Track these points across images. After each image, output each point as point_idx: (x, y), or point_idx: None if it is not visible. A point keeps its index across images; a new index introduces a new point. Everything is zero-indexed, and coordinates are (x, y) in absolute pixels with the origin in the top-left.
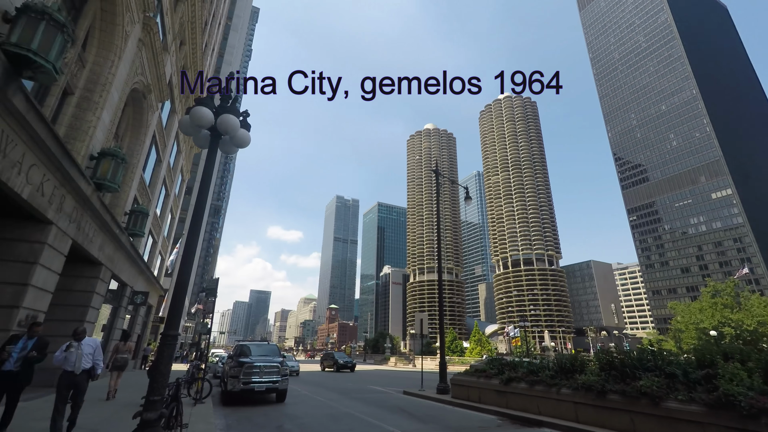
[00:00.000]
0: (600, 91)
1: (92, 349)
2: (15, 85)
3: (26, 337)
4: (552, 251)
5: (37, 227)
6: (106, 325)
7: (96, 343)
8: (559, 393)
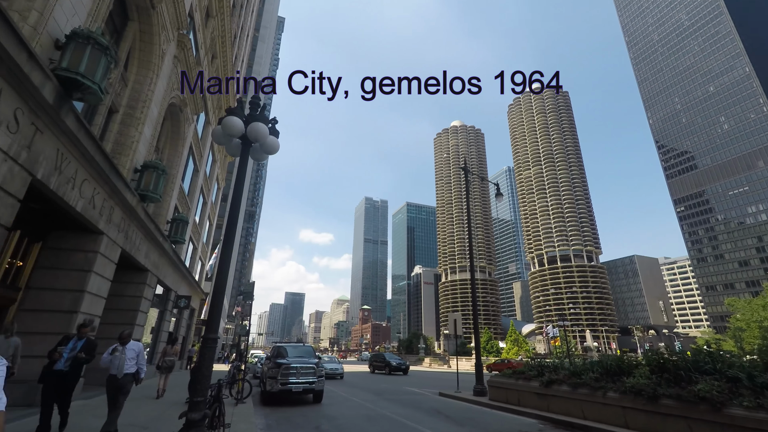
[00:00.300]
0: (638, 76)
1: (135, 353)
2: (67, 106)
3: (76, 338)
4: (591, 246)
5: (90, 237)
6: (154, 328)
7: (139, 347)
8: (605, 397)
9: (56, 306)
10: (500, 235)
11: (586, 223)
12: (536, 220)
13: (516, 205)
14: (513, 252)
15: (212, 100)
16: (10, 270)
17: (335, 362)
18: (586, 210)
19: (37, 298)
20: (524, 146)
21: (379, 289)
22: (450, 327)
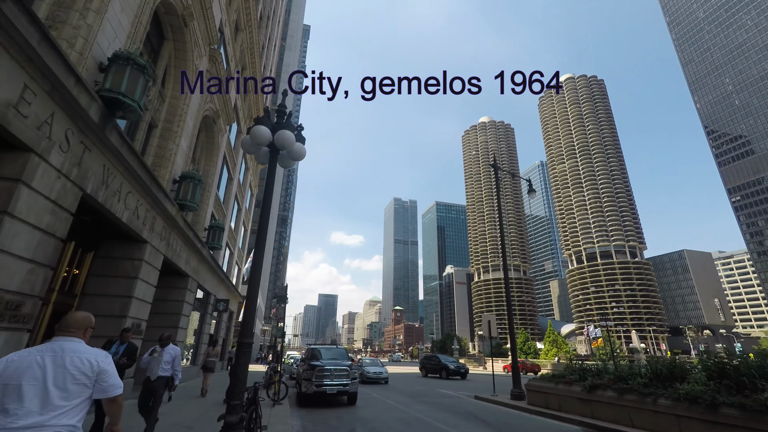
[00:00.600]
0: (682, 58)
1: (171, 357)
2: (110, 124)
3: (118, 343)
4: (634, 242)
5: (136, 246)
6: (197, 330)
7: (176, 352)
8: (656, 404)
9: (108, 311)
10: (534, 232)
11: (627, 218)
12: (573, 216)
13: (550, 201)
14: (549, 249)
15: (243, 110)
16: (68, 278)
17: (377, 365)
18: (627, 203)
19: (91, 303)
20: (557, 139)
21: (410, 289)
22: (484, 328)
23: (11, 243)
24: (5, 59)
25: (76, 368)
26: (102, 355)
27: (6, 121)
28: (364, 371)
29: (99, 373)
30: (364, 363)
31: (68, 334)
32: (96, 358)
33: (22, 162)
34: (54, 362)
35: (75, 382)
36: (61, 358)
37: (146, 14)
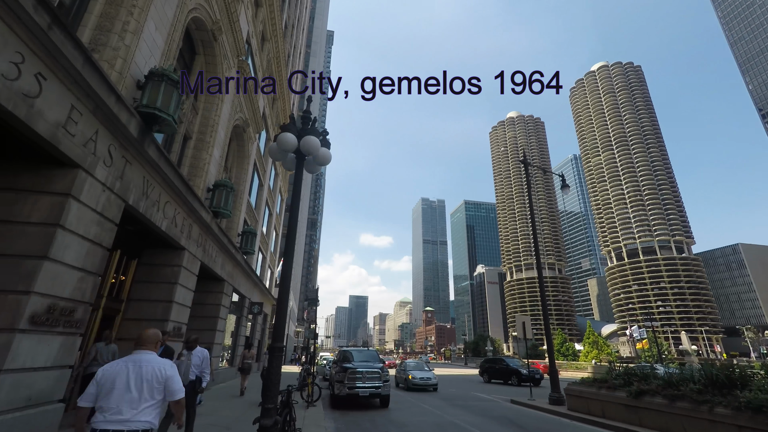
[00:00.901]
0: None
1: (200, 360)
2: (148, 138)
3: None
4: (680, 236)
5: (175, 253)
6: (233, 332)
7: (204, 354)
8: (712, 413)
9: (151, 315)
10: (569, 228)
11: (672, 211)
12: (611, 211)
13: (586, 196)
14: (585, 246)
15: (271, 117)
16: (115, 284)
17: (424, 368)
18: (671, 196)
19: (136, 308)
20: (591, 131)
21: (441, 290)
22: (518, 330)
23: (64, 253)
24: (54, 83)
25: (151, 375)
26: (168, 364)
27: (56, 140)
28: (408, 376)
29: (166, 379)
30: (407, 367)
31: (144, 348)
32: (164, 367)
33: (71, 177)
34: (135, 371)
35: (150, 387)
36: (139, 367)
37: (178, 31)
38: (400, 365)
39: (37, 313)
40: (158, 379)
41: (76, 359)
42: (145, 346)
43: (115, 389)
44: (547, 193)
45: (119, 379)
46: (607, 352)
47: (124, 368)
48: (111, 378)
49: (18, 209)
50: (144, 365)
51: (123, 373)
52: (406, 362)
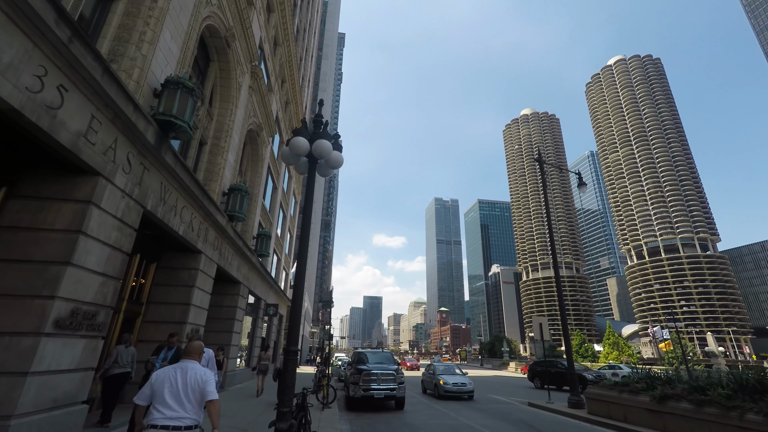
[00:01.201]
0: (756, 25)
1: (205, 361)
2: (165, 145)
3: (166, 348)
4: (704, 233)
5: (192, 256)
6: (249, 333)
7: (209, 354)
8: (743, 419)
9: (170, 318)
10: (587, 226)
11: (696, 207)
12: (630, 208)
13: (604, 193)
14: (604, 245)
15: (284, 121)
16: (135, 287)
17: (454, 372)
18: (694, 192)
19: (155, 311)
20: (609, 127)
21: (455, 290)
22: (535, 331)
23: (86, 259)
24: (75, 94)
25: (193, 381)
26: (207, 371)
27: (77, 149)
28: (439, 381)
29: (205, 383)
30: (437, 370)
31: (189, 357)
32: (204, 373)
33: (92, 185)
34: (182, 376)
35: (192, 390)
36: (185, 373)
37: (193, 40)
38: (427, 368)
39: (62, 318)
40: (199, 384)
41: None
42: (190, 356)
43: (166, 391)
44: (563, 191)
45: (169, 383)
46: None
47: (173, 374)
48: (162, 380)
49: (42, 217)
50: (189, 372)
51: (172, 378)
52: (434, 365)
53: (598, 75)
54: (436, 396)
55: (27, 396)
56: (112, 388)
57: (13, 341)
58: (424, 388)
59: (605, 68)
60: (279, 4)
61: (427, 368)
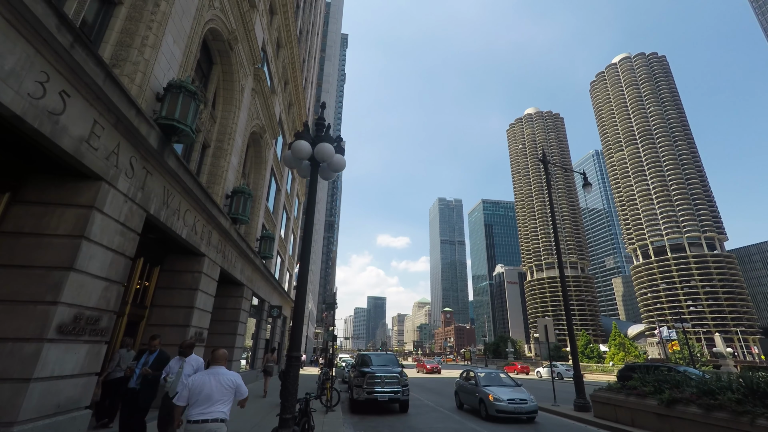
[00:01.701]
0: (764, 21)
1: (193, 369)
2: (168, 149)
3: (148, 353)
4: (712, 233)
5: (195, 259)
6: (254, 335)
7: (199, 363)
8: (754, 425)
9: (174, 321)
10: (592, 226)
11: (702, 206)
12: (635, 207)
13: (609, 192)
14: (609, 244)
15: (288, 123)
16: (139, 291)
17: (505, 382)
18: (701, 191)
19: (159, 314)
20: (614, 126)
21: (459, 290)
22: (540, 333)
23: (89, 264)
24: (78, 99)
25: (225, 382)
26: (236, 375)
27: (80, 154)
28: (487, 397)
29: (237, 386)
30: (480, 380)
31: (218, 363)
32: (233, 376)
33: (94, 190)
34: (216, 380)
35: (223, 391)
36: (218, 377)
37: (195, 43)
38: (464, 376)
39: (64, 323)
40: (230, 386)
41: None
42: (218, 362)
43: (203, 392)
44: (567, 190)
45: (206, 386)
46: (635, 354)
47: (208, 379)
48: (200, 385)
49: (45, 222)
50: (221, 376)
51: (208, 382)
52: (475, 372)
53: (603, 73)
54: (484, 416)
55: (30, 402)
56: (115, 392)
57: (15, 347)
58: (459, 402)
59: (610, 66)
60: (282, 7)
61: (463, 376)
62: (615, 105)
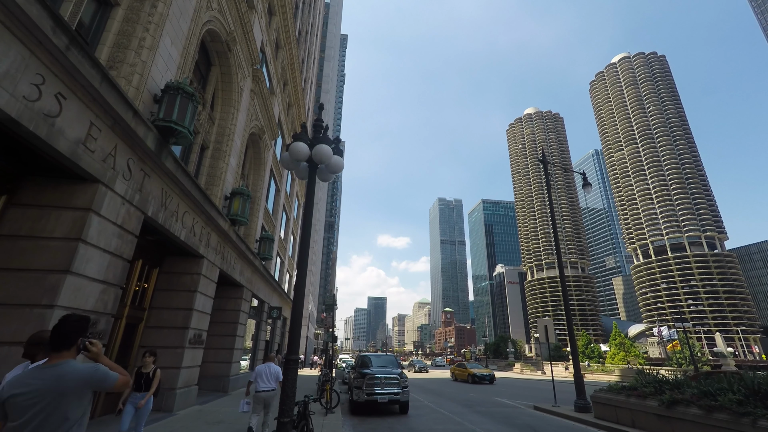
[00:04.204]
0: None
1: None
2: (166, 151)
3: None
4: (712, 232)
5: (194, 261)
6: (253, 336)
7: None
8: (755, 426)
9: (172, 323)
10: (592, 226)
11: (703, 206)
12: (636, 207)
13: (609, 192)
14: (609, 244)
15: (287, 124)
16: (138, 293)
17: None
18: (701, 190)
19: (158, 316)
20: (613, 125)
21: (460, 290)
22: (540, 333)
23: (86, 267)
24: (74, 101)
25: (274, 372)
26: (278, 368)
27: (77, 156)
28: None
29: (277, 374)
30: None
31: (270, 361)
32: (276, 369)
33: (91, 192)
34: (269, 370)
35: (274, 376)
36: (268, 369)
37: (193, 45)
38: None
39: None
40: (276, 374)
41: None
42: (270, 360)
43: (263, 375)
44: (567, 190)
45: (263, 373)
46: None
47: (265, 368)
48: (261, 371)
49: (42, 225)
50: (272, 368)
51: (265, 371)
52: None
53: (603, 73)
54: None
55: None
56: None
57: (12, 351)
58: None
59: (609, 66)
60: (280, 7)
61: None
62: (615, 104)
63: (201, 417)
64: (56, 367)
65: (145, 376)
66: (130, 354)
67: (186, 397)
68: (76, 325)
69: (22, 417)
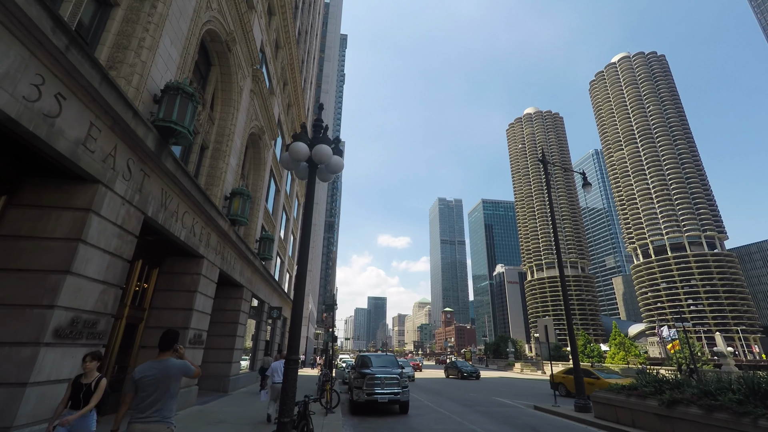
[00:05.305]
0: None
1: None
2: (165, 151)
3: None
4: (712, 232)
5: (194, 261)
6: (254, 336)
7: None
8: (756, 426)
9: (172, 323)
10: (592, 225)
11: (703, 205)
12: (635, 206)
13: (609, 191)
14: (609, 243)
15: (287, 124)
16: (138, 293)
17: None
18: (701, 189)
19: (158, 316)
20: (613, 125)
21: (460, 290)
22: (540, 333)
23: (86, 267)
24: (74, 102)
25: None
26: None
27: (76, 157)
28: None
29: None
30: None
31: (282, 358)
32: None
33: (91, 193)
34: (282, 365)
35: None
36: (280, 365)
37: (193, 45)
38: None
39: (61, 327)
40: None
41: None
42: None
43: (278, 370)
44: (567, 190)
45: (279, 368)
46: (635, 354)
47: (279, 364)
48: (276, 367)
49: (42, 225)
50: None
51: (280, 366)
52: None
53: (602, 73)
54: None
55: (26, 407)
56: None
57: (12, 351)
58: None
59: (609, 66)
60: (280, 8)
61: None
62: (614, 104)
63: (201, 417)
64: (164, 361)
65: (85, 388)
66: (130, 354)
67: (186, 398)
68: (173, 336)
69: (147, 391)
